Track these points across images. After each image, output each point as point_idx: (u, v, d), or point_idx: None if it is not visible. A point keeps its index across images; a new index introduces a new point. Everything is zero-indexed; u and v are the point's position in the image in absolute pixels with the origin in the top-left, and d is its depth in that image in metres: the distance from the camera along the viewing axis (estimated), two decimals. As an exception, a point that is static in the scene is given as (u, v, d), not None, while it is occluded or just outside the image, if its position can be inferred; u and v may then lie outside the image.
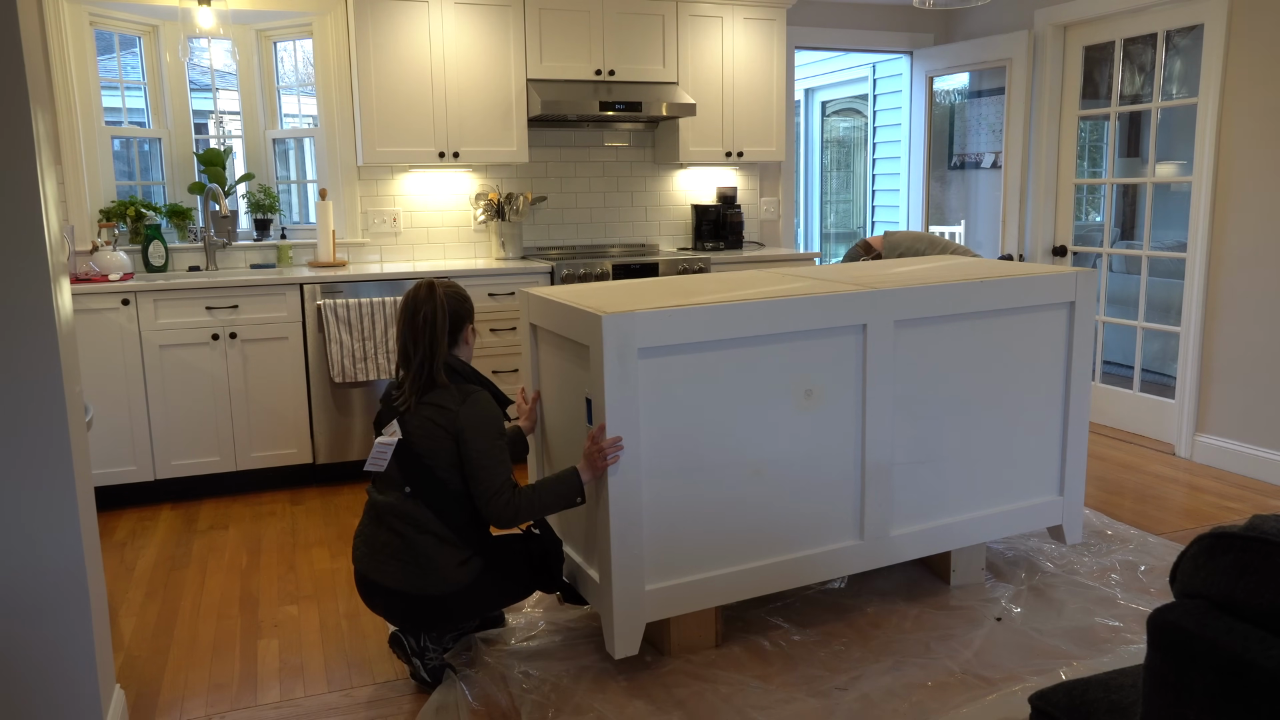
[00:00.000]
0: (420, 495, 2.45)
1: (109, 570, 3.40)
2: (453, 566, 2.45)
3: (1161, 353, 5.13)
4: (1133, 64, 5.13)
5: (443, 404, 2.46)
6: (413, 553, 2.43)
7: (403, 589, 2.43)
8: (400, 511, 2.45)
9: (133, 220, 4.43)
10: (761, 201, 5.65)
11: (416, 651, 2.51)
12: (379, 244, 4.87)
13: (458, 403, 2.46)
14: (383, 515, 2.47)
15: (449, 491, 2.46)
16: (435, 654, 2.54)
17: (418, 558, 2.43)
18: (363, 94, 4.43)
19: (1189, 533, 3.55)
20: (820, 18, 5.67)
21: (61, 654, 2.03)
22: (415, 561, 2.43)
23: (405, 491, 2.46)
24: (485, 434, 2.45)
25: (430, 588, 2.43)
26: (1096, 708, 1.56)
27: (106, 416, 3.94)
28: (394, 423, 2.51)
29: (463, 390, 2.48)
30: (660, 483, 2.52)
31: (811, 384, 2.68)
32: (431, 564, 2.43)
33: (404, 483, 2.46)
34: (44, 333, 1.93)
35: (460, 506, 2.47)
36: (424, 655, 2.51)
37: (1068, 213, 5.25)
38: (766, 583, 2.70)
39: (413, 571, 2.43)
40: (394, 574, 2.43)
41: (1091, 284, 3.04)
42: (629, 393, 2.42)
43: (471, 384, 2.52)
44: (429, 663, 2.52)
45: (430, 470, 2.44)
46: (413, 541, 2.43)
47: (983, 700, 2.41)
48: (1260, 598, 1.16)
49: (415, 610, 2.46)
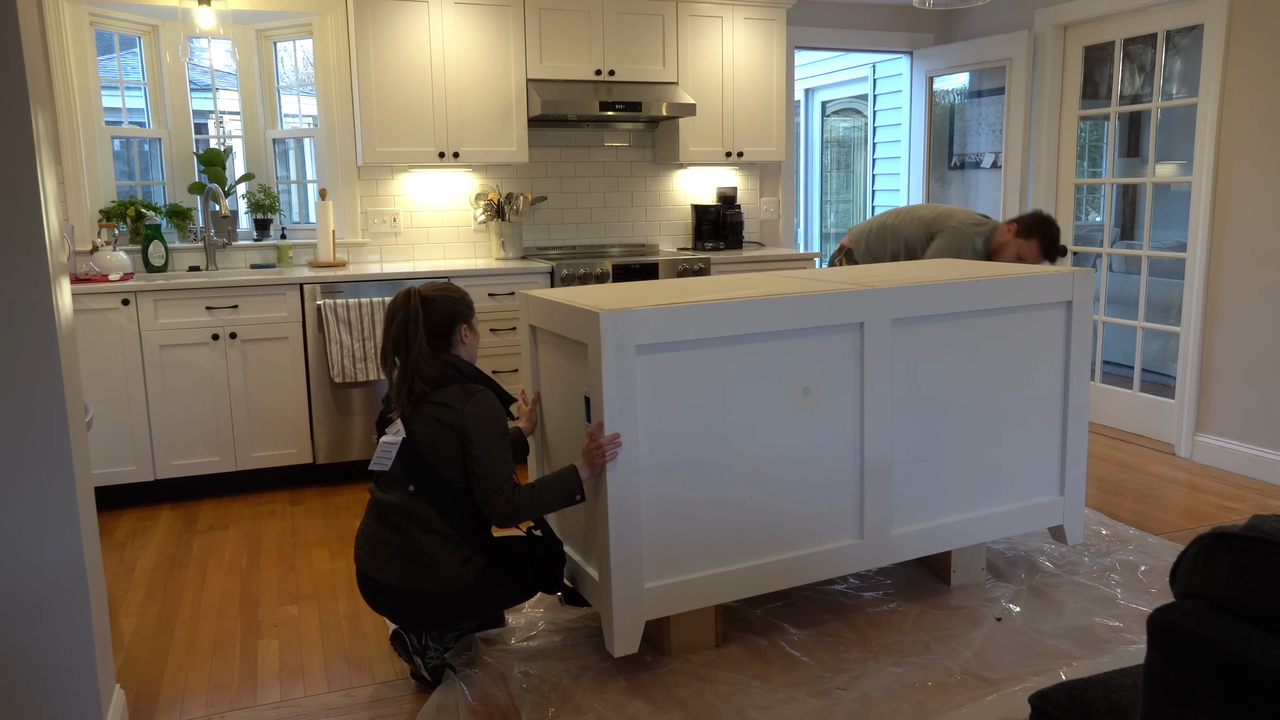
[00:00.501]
0: (424, 494, 2.45)
1: (109, 570, 3.40)
2: (455, 565, 2.45)
3: (1161, 353, 5.13)
4: (1133, 64, 5.13)
5: (447, 402, 2.46)
6: (415, 551, 2.43)
7: (404, 587, 2.43)
8: (404, 510, 2.45)
9: (133, 220, 4.43)
10: (761, 201, 5.65)
11: (418, 649, 2.51)
12: (379, 244, 4.87)
13: (462, 401, 2.46)
14: (386, 514, 2.47)
15: (452, 490, 2.46)
16: (436, 653, 2.54)
17: (420, 556, 2.43)
18: (363, 94, 4.43)
19: (1189, 533, 3.55)
20: (820, 18, 5.67)
21: (61, 654, 2.03)
22: (418, 560, 2.43)
23: (409, 490, 2.46)
24: (489, 432, 2.45)
25: (432, 586, 2.43)
26: (1096, 708, 1.56)
27: (106, 416, 3.94)
28: (398, 422, 2.51)
29: (467, 389, 2.49)
30: (659, 480, 2.52)
31: (809, 382, 2.68)
32: (434, 563, 2.43)
33: (408, 481, 2.47)
34: (44, 333, 1.93)
35: (463, 505, 2.48)
36: (425, 654, 2.52)
37: (1068, 213, 5.25)
38: (766, 581, 2.70)
39: (415, 570, 2.43)
40: (396, 572, 2.43)
41: (1089, 283, 3.05)
42: (627, 390, 2.42)
43: (475, 383, 2.53)
44: (430, 661, 2.52)
45: (434, 469, 2.45)
46: (416, 540, 2.43)
47: (983, 700, 2.41)
48: (1260, 598, 1.16)
49: (416, 608, 2.46)
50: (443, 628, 2.55)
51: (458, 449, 2.46)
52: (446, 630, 2.59)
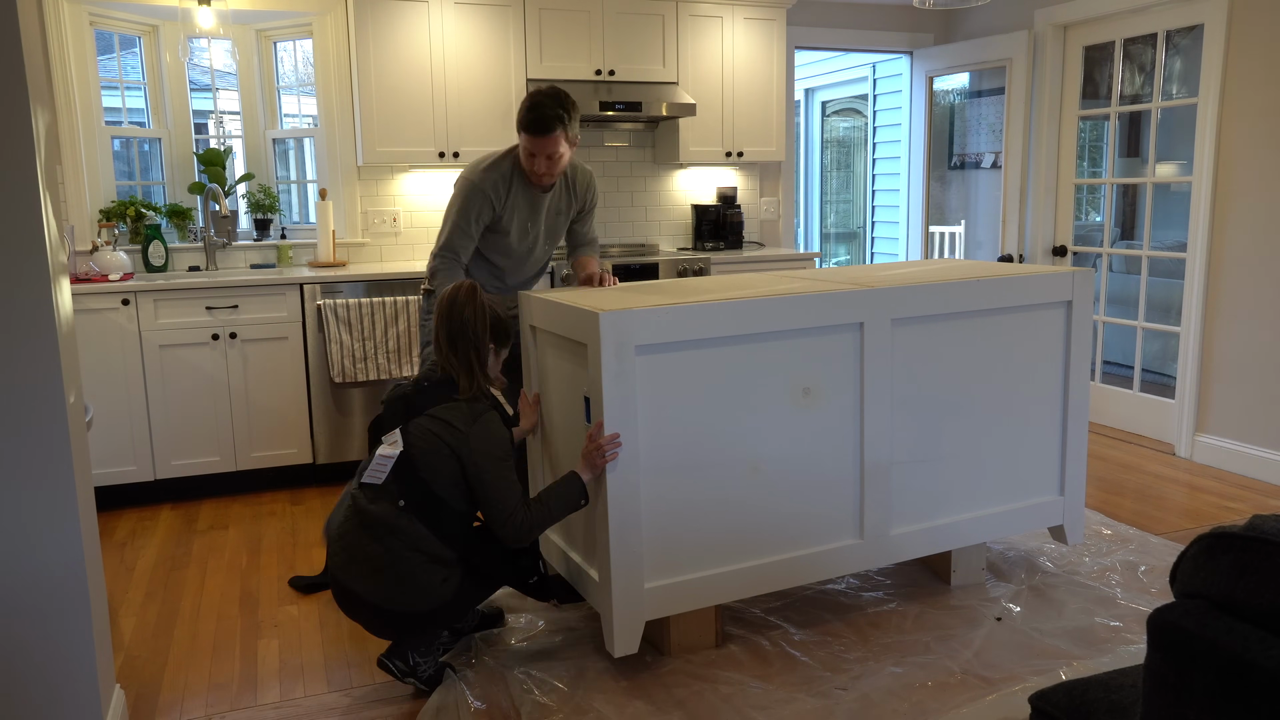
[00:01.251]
0: (414, 510, 2.40)
1: (109, 570, 3.40)
2: (435, 585, 2.41)
3: (1161, 353, 5.13)
4: (1133, 64, 5.14)
5: (451, 421, 2.42)
6: (396, 570, 2.38)
7: (383, 604, 2.38)
8: (391, 526, 2.39)
9: (133, 220, 4.43)
10: (761, 201, 5.65)
11: (409, 671, 2.48)
12: (379, 244, 4.87)
13: (467, 424, 2.41)
14: (371, 526, 2.40)
15: (444, 508, 2.42)
16: (427, 665, 2.51)
17: (401, 575, 2.38)
18: (363, 94, 4.43)
19: (1189, 533, 3.55)
20: (820, 18, 5.67)
21: (61, 654, 2.03)
22: (398, 578, 2.38)
23: (399, 505, 2.40)
24: (495, 458, 2.42)
25: (409, 604, 2.39)
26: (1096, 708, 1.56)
27: (106, 416, 3.94)
28: (395, 432, 2.47)
29: (473, 409, 2.44)
30: (659, 480, 2.52)
31: (810, 382, 2.68)
32: (415, 582, 2.38)
33: (398, 495, 2.41)
34: (44, 333, 1.93)
35: (453, 523, 2.44)
36: (416, 671, 2.49)
37: (1068, 213, 5.25)
38: (766, 581, 2.70)
39: (393, 587, 2.38)
40: (375, 588, 2.38)
41: (1089, 284, 3.05)
42: (627, 390, 2.42)
43: (480, 403, 2.48)
44: (423, 674, 2.50)
45: (426, 484, 2.40)
46: (399, 558, 2.38)
47: (983, 700, 2.41)
48: (1260, 598, 1.16)
49: (391, 624, 2.42)
50: (418, 639, 2.50)
51: (456, 469, 2.41)
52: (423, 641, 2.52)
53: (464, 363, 2.50)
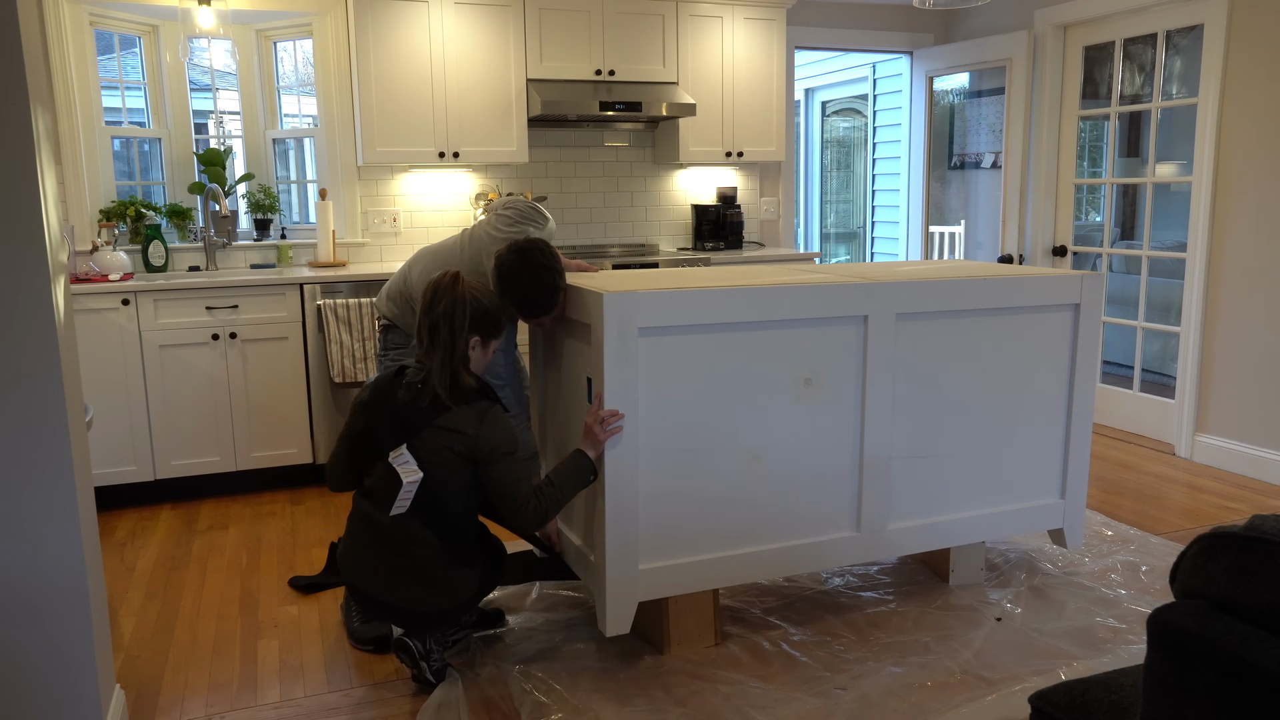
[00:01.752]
0: (431, 521, 2.44)
1: (109, 570, 3.40)
2: (458, 582, 2.48)
3: (1161, 353, 5.13)
4: (1133, 64, 5.13)
5: (460, 429, 2.40)
6: (419, 574, 2.44)
7: (412, 607, 2.45)
8: (406, 534, 2.43)
9: (133, 220, 4.43)
10: (761, 201, 5.65)
11: (423, 655, 2.51)
12: (379, 244, 4.87)
13: (474, 426, 2.41)
14: (385, 536, 2.44)
15: (453, 513, 2.46)
16: (439, 655, 2.56)
17: (422, 578, 2.44)
18: (363, 94, 4.43)
19: (1189, 533, 3.55)
20: (820, 18, 5.67)
21: (61, 654, 2.03)
22: (420, 581, 2.44)
23: (416, 518, 2.44)
24: (507, 452, 2.43)
25: (438, 603, 2.47)
26: (1096, 708, 1.56)
27: (106, 416, 3.94)
28: (405, 451, 2.40)
29: (476, 410, 2.43)
30: (657, 462, 2.53)
31: (811, 373, 2.68)
32: (438, 582, 2.46)
33: (414, 512, 2.44)
34: (44, 332, 1.93)
35: (464, 526, 2.51)
36: (430, 657, 2.52)
37: (1068, 213, 5.25)
38: (761, 569, 2.70)
39: (418, 590, 2.45)
40: (402, 593, 2.44)
41: (1098, 287, 3.03)
42: (629, 372, 2.43)
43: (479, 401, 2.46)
44: (434, 664, 2.53)
45: (442, 496, 2.44)
46: (421, 562, 2.44)
47: (983, 700, 2.41)
48: (1260, 598, 1.16)
49: (423, 620, 2.50)
50: (447, 629, 2.60)
51: (469, 475, 2.43)
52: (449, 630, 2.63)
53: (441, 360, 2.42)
